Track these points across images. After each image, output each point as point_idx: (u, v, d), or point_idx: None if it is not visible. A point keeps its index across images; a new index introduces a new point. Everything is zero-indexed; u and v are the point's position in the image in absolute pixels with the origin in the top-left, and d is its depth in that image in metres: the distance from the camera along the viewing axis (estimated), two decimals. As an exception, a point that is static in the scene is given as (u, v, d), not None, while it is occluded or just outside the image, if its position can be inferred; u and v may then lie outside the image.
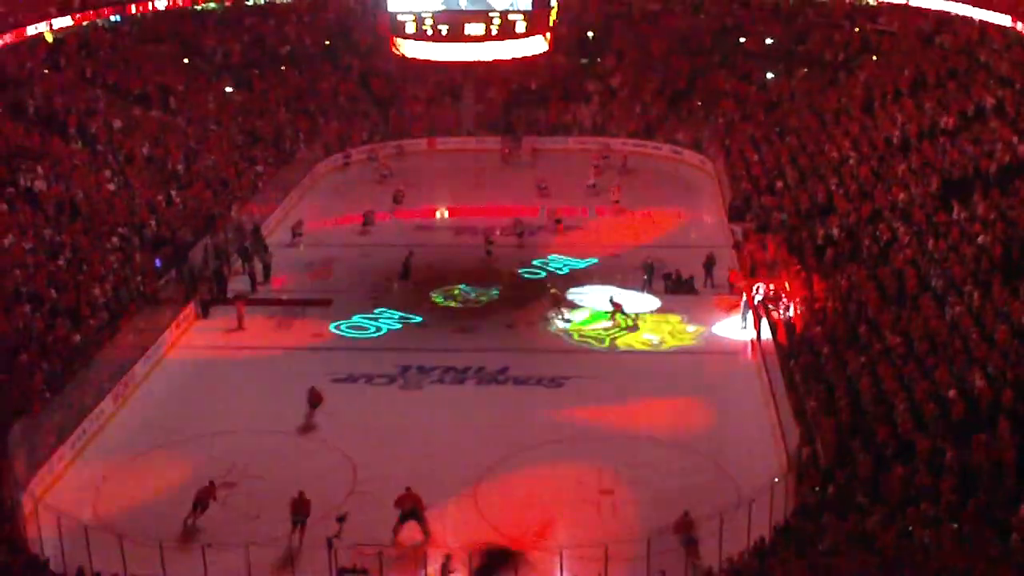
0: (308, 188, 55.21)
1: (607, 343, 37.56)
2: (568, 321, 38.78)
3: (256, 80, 63.24)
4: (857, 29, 61.70)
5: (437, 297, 41.73)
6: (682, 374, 34.86)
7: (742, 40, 65.39)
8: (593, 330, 38.38)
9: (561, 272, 43.63)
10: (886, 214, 39.30)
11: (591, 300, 40.34)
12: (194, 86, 59.95)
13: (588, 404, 33.09)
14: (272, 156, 55.75)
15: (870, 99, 51.71)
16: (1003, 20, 49.51)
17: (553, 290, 40.44)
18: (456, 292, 42.07)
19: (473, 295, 41.93)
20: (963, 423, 25.67)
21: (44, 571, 24.27)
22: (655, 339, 37.89)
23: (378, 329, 38.91)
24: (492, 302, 41.41)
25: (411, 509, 26.47)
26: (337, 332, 38.69)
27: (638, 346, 37.42)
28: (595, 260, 44.71)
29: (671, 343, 37.58)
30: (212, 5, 66.60)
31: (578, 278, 42.86)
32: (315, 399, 33.01)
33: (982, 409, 25.96)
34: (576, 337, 37.97)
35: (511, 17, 41.25)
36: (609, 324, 38.52)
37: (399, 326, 39.15)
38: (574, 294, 40.94)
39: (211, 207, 46.72)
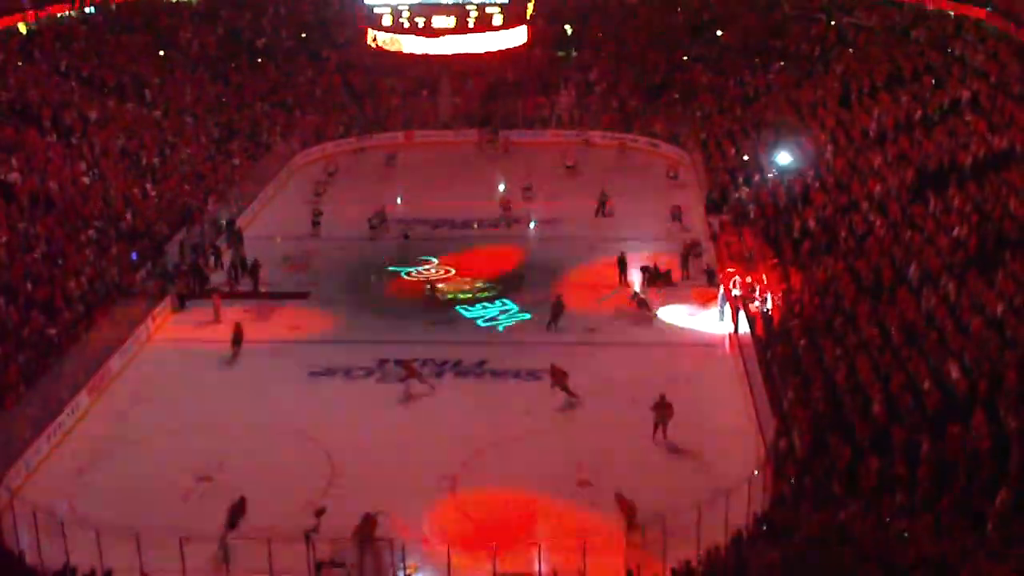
0: (284, 182, 55.01)
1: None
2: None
3: (232, 73, 62.99)
4: (833, 23, 61.95)
5: (432, 291, 41.66)
6: (660, 366, 34.86)
7: (719, 33, 65.55)
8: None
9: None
10: (862, 206, 39.45)
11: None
12: (169, 79, 59.66)
13: (565, 396, 33.00)
14: (249, 149, 55.50)
15: (846, 92, 51.89)
16: (978, 14, 49.82)
17: None
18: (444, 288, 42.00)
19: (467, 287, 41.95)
20: (939, 414, 25.76)
21: (20, 565, 24.14)
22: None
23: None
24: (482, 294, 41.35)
25: (367, 537, 25.49)
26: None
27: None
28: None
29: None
30: (187, -3, 66.42)
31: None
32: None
33: (958, 400, 26.07)
34: None
35: (488, 10, 41.23)
36: None
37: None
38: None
39: (187, 200, 46.52)
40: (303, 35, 67.37)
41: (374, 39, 42.67)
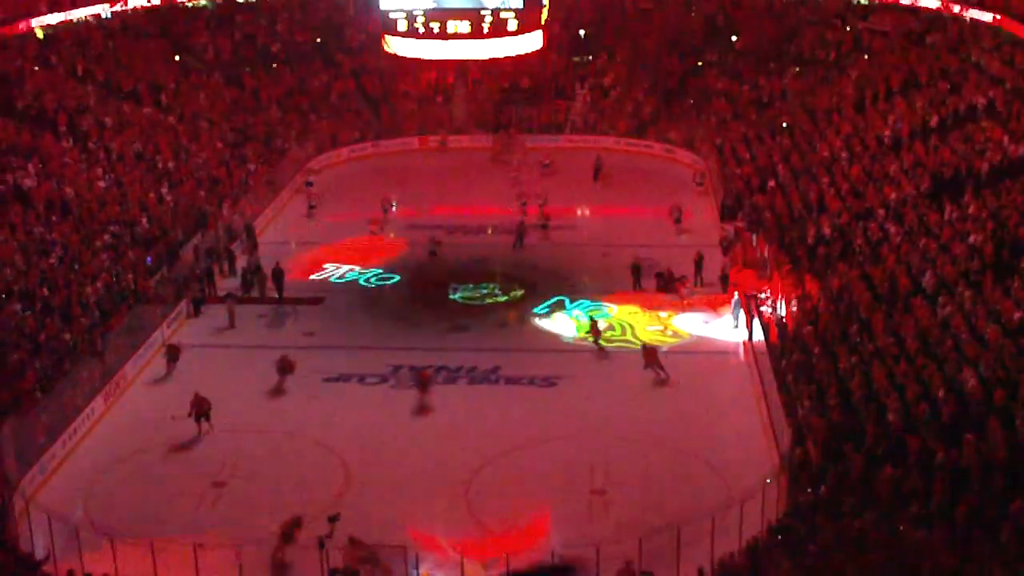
0: (299, 186, 54.99)
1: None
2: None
3: (247, 78, 63.12)
4: (848, 28, 61.77)
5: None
6: (673, 373, 34.80)
7: (734, 39, 65.44)
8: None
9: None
10: (877, 213, 39.35)
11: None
12: (185, 83, 59.81)
13: (580, 403, 33.07)
14: (263, 154, 55.59)
15: (861, 98, 51.76)
16: (993, 19, 49.66)
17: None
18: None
19: (485, 291, 41.94)
20: (954, 423, 25.71)
21: (35, 570, 24.23)
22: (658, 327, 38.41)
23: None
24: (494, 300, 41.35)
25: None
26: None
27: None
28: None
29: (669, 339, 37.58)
30: (203, 2, 66.37)
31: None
32: (287, 366, 34.41)
33: (973, 409, 26.00)
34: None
35: (503, 15, 41.22)
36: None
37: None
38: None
39: (202, 205, 46.63)
40: (318, 40, 67.45)
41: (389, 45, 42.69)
